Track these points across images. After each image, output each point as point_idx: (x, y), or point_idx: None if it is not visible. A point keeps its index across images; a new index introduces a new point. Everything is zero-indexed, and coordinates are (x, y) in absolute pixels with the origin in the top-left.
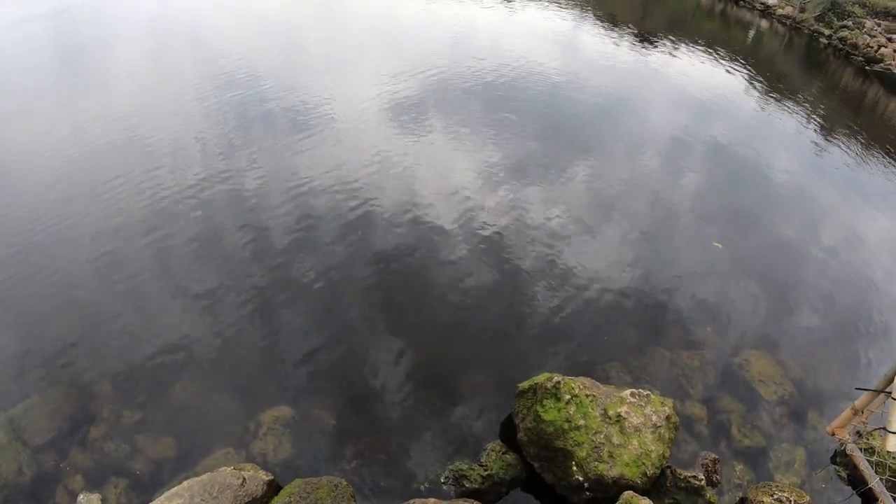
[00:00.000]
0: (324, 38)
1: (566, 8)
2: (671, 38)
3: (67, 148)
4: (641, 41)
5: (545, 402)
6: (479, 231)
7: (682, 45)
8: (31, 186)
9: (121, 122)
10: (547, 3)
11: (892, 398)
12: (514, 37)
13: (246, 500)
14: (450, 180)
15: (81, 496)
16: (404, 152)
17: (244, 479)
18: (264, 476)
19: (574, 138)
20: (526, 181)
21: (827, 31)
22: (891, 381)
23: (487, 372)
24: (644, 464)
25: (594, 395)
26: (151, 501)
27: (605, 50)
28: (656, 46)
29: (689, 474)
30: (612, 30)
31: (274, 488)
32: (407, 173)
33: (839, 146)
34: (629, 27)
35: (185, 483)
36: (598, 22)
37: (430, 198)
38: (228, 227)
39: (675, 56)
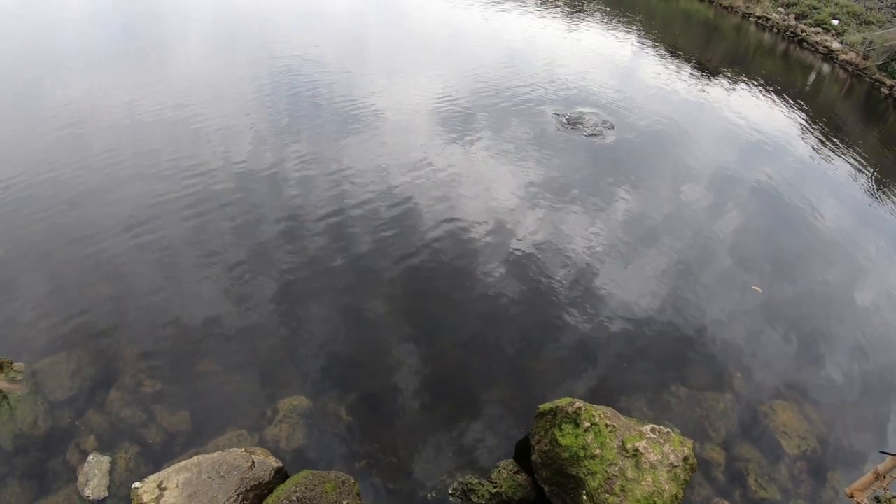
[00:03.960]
0: (382, 42)
1: (629, 33)
2: (730, 73)
3: (120, 119)
4: (700, 74)
5: (564, 426)
6: (514, 247)
7: (741, 81)
8: (81, 153)
9: (175, 99)
10: (610, 26)
11: None
12: (573, 57)
13: (252, 483)
14: (490, 194)
15: (91, 456)
16: (449, 160)
17: (253, 462)
18: (273, 462)
19: (622, 165)
20: (566, 203)
21: (889, 82)
22: None
23: (508, 388)
24: (655, 502)
25: (614, 426)
26: (160, 471)
27: (662, 79)
28: (715, 80)
29: None
30: (672, 59)
31: (281, 476)
32: (449, 181)
33: (892, 202)
34: (689, 59)
35: (194, 458)
36: (658, 50)
37: (469, 209)
38: (268, 214)
39: (732, 92)
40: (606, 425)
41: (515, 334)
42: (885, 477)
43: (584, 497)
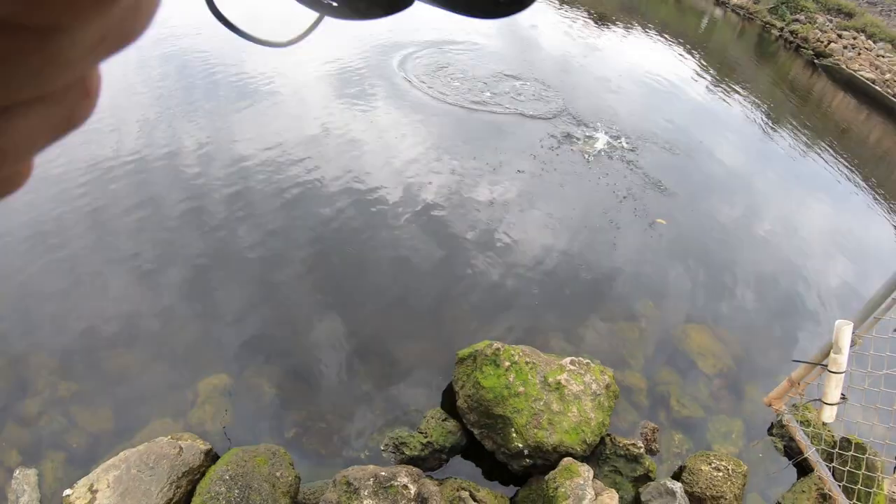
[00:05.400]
0: (266, 11)
1: None
2: (624, 21)
3: None
4: (594, 23)
5: (485, 368)
6: (421, 203)
7: (635, 29)
8: None
9: None
10: None
11: (828, 371)
12: (459, 18)
13: (183, 469)
14: (393, 152)
15: (17, 471)
16: (348, 124)
17: (181, 448)
18: (202, 445)
19: (513, 115)
20: (464, 159)
21: (779, 24)
22: (826, 355)
23: (427, 341)
24: (583, 431)
25: (534, 363)
26: (88, 474)
27: (553, 29)
28: (609, 29)
29: (628, 442)
30: (563, 9)
31: (211, 457)
32: (350, 144)
33: (785, 136)
34: (582, 8)
35: (121, 454)
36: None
37: (373, 169)
38: (168, 199)
39: (626, 40)
40: (527, 362)
41: (430, 289)
42: (799, 384)
43: (514, 434)
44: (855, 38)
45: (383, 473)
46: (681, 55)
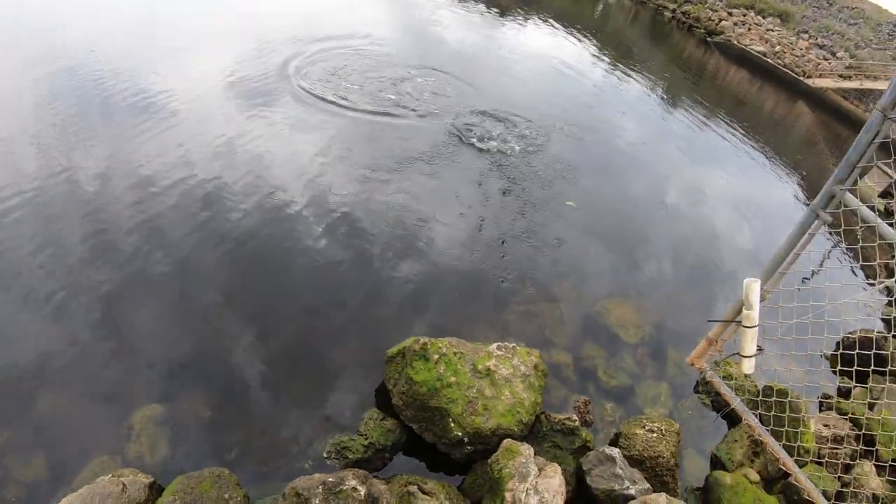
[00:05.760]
0: (162, 23)
1: None
2: (522, 12)
3: None
4: (494, 16)
5: (415, 363)
6: (332, 209)
7: (533, 19)
8: None
9: None
10: None
11: (742, 326)
12: (362, 13)
13: None
14: (298, 160)
15: None
16: (250, 134)
17: (124, 485)
18: (144, 479)
19: (420, 114)
20: (374, 161)
21: (671, 6)
22: (739, 312)
23: (355, 344)
24: (518, 412)
25: (462, 352)
26: None
27: (456, 24)
28: (507, 20)
29: (563, 417)
30: (465, 3)
31: (156, 490)
32: (255, 155)
33: (683, 111)
34: (482, 2)
35: (63, 501)
36: None
37: (281, 178)
38: (72, 229)
39: (525, 30)
40: (455, 353)
41: (350, 292)
42: (717, 341)
43: (452, 424)
44: (745, 15)
45: (331, 479)
46: (579, 42)
